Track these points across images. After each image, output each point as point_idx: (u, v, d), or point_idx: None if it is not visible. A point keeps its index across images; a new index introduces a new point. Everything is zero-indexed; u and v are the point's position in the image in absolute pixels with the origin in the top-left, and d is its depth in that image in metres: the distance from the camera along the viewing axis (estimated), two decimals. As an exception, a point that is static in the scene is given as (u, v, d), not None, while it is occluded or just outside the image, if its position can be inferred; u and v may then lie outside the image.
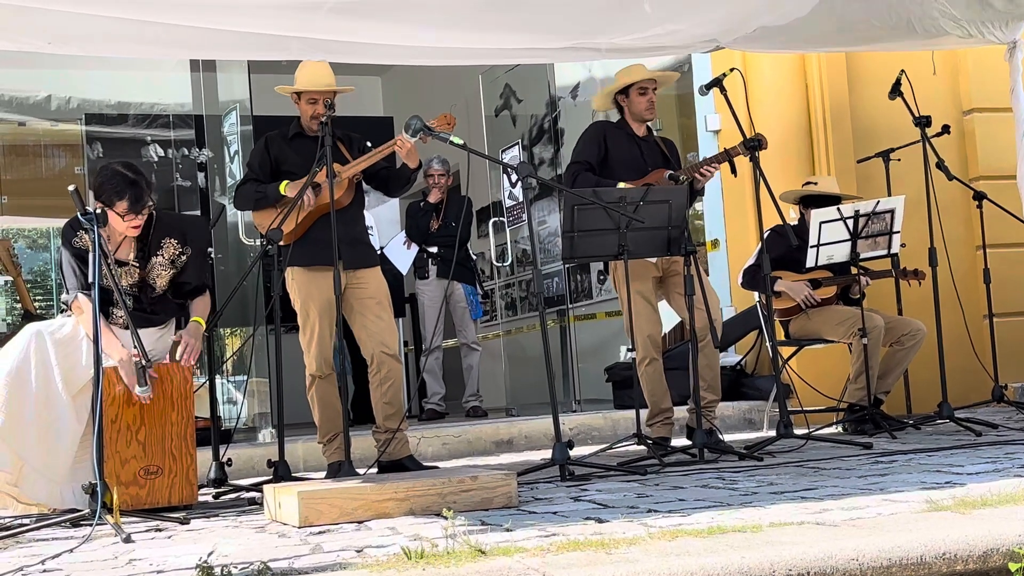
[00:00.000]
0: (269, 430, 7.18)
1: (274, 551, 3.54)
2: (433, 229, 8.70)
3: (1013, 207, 7.19)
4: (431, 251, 8.70)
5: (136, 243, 5.09)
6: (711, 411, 5.99)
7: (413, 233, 8.76)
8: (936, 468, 4.66)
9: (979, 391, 7.20)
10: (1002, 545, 3.03)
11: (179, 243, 5.15)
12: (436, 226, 8.71)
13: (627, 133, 6.18)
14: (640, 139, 6.18)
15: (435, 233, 8.70)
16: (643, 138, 6.20)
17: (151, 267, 5.10)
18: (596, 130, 6.21)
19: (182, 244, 5.15)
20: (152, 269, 5.10)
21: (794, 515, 3.55)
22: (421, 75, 10.94)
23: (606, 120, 6.47)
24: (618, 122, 6.25)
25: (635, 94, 6.11)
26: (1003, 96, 7.25)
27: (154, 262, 5.11)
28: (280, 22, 5.77)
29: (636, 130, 6.19)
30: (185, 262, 5.16)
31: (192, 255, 5.18)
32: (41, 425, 4.83)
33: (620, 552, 3.05)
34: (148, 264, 5.10)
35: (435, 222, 8.72)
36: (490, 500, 4.25)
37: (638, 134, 6.19)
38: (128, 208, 4.87)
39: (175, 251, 5.14)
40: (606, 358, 8.77)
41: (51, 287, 11.22)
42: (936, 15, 6.65)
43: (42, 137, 9.34)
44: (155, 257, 5.11)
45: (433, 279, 8.70)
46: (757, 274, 6.33)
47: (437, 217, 8.72)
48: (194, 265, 5.20)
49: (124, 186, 4.87)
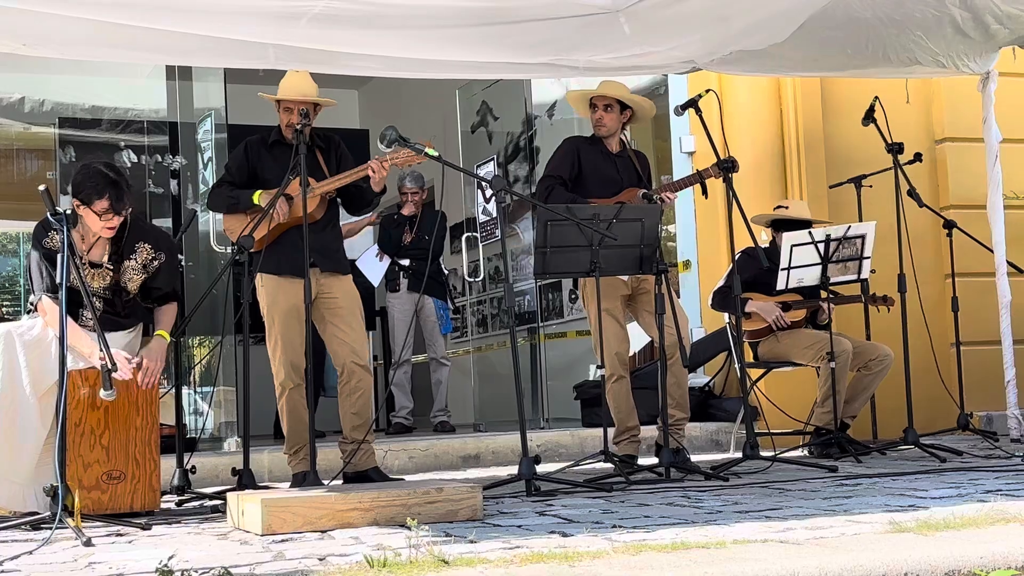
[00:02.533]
0: (235, 439, 7.14)
1: (236, 557, 3.51)
2: (406, 242, 8.69)
3: (983, 236, 7.27)
4: (402, 264, 8.68)
5: (110, 245, 5.06)
6: (680, 429, 6.00)
7: (385, 245, 8.74)
8: (900, 492, 4.68)
9: (945, 418, 7.25)
10: (963, 567, 3.04)
11: (153, 248, 5.12)
12: (409, 239, 8.70)
13: (600, 150, 6.20)
14: (614, 155, 6.20)
15: (407, 246, 8.69)
16: (617, 154, 6.22)
17: (124, 270, 5.07)
18: (570, 145, 6.23)
19: (155, 250, 5.12)
20: (124, 273, 5.07)
21: (758, 533, 3.56)
22: (398, 89, 10.95)
23: (580, 136, 6.49)
24: (591, 137, 6.27)
25: (590, 107, 6.18)
26: (975, 126, 7.34)
27: (127, 266, 5.07)
28: (259, 29, 5.76)
29: (609, 146, 6.20)
30: (158, 268, 5.13)
31: (165, 261, 5.15)
32: (5, 426, 4.77)
33: (584, 565, 3.04)
34: (121, 267, 5.07)
35: (408, 235, 8.71)
36: (455, 512, 4.23)
37: (612, 150, 6.21)
38: (108, 207, 4.84)
39: (148, 256, 5.10)
40: (575, 376, 8.78)
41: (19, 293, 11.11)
42: (911, 46, 6.72)
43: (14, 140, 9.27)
44: (128, 261, 5.08)
45: (404, 292, 8.68)
46: (728, 295, 6.35)
47: (410, 230, 8.71)
48: (166, 271, 5.16)
49: (105, 185, 4.83)
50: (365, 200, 5.82)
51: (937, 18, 6.47)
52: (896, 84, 7.62)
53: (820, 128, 8.00)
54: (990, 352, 7.27)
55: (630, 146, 6.46)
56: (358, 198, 5.82)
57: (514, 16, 5.84)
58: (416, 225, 8.72)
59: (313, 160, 5.63)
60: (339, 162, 5.83)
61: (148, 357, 4.99)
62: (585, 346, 8.64)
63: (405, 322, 8.58)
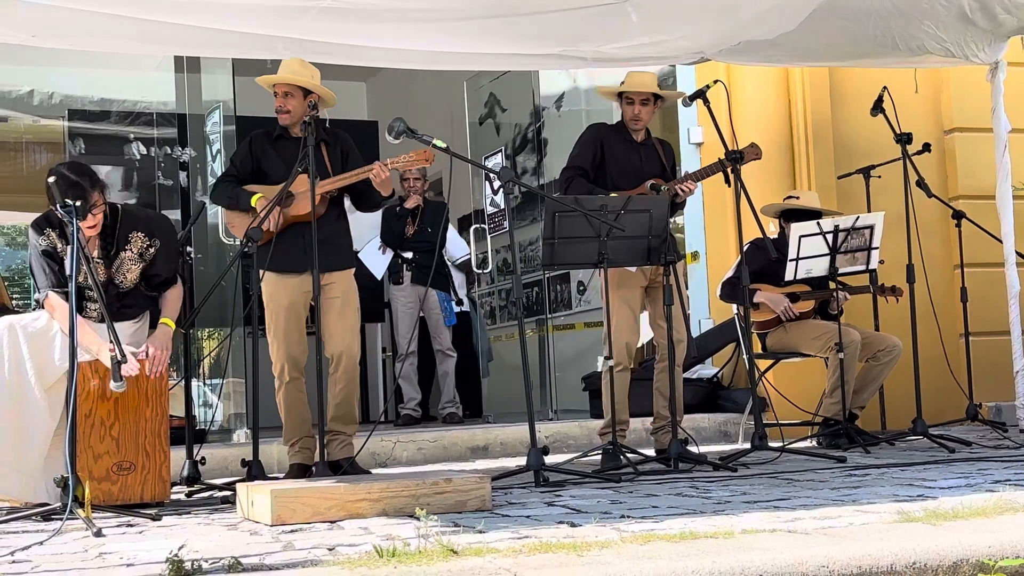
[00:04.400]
0: (244, 431, 7.16)
1: (245, 547, 3.52)
2: (408, 235, 8.65)
3: (992, 227, 7.25)
4: (406, 256, 8.64)
5: (101, 240, 5.03)
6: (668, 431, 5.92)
7: (388, 238, 8.69)
8: (909, 482, 4.68)
9: (954, 409, 7.23)
10: (972, 556, 3.04)
11: (146, 236, 5.08)
12: (412, 231, 8.66)
13: (625, 138, 6.10)
14: (638, 144, 6.11)
15: (410, 239, 8.64)
16: (642, 143, 6.12)
17: (120, 263, 5.05)
18: (593, 133, 6.12)
19: (149, 237, 5.09)
20: (122, 264, 5.05)
21: (766, 523, 3.56)
22: (406, 81, 10.93)
23: (603, 123, 6.36)
24: (616, 125, 6.19)
25: (624, 101, 6.09)
26: (984, 116, 7.32)
27: (123, 257, 5.05)
28: (268, 21, 5.78)
29: (634, 135, 6.12)
30: (154, 254, 5.09)
31: (160, 246, 5.10)
32: (13, 419, 4.79)
33: (592, 555, 3.05)
34: (115, 261, 5.05)
35: (411, 227, 8.65)
36: (464, 503, 4.24)
37: (636, 139, 6.12)
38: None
39: (143, 244, 5.08)
40: (584, 368, 8.78)
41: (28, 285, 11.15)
42: (920, 35, 6.72)
43: (24, 133, 9.29)
44: (124, 252, 5.05)
45: (407, 285, 8.64)
46: (736, 286, 6.34)
47: (413, 222, 8.66)
48: (163, 256, 5.12)
49: (66, 188, 4.65)
50: (372, 201, 5.80)
51: (945, 7, 6.46)
52: (905, 74, 7.60)
53: (829, 118, 7.98)
54: (999, 342, 7.26)
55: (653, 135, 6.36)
56: (365, 197, 5.80)
57: (522, 7, 5.85)
58: (419, 218, 8.68)
59: (317, 155, 5.60)
60: (345, 158, 5.79)
61: (154, 345, 4.98)
62: (594, 338, 8.64)
63: (408, 315, 8.57)
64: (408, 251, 8.63)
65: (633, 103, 6.04)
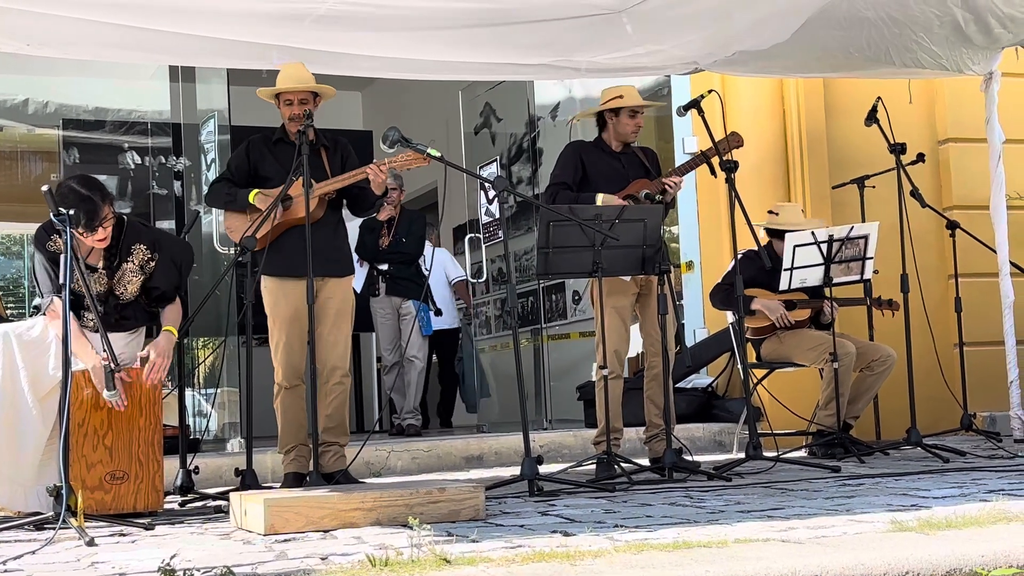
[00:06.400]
0: (238, 440, 7.14)
1: (238, 557, 3.52)
2: (383, 246, 8.59)
3: (986, 237, 7.26)
4: (381, 268, 8.59)
5: (105, 251, 5.04)
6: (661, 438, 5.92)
7: (361, 251, 8.59)
8: (902, 492, 4.68)
9: (948, 419, 7.24)
10: (965, 565, 3.04)
11: (148, 249, 5.09)
12: (386, 243, 8.60)
13: (604, 150, 6.16)
14: (619, 153, 6.16)
15: (385, 250, 8.58)
16: (621, 152, 6.18)
17: (121, 274, 5.06)
18: (572, 150, 6.19)
19: (151, 250, 5.10)
20: (123, 276, 5.06)
21: (760, 532, 3.56)
22: (401, 90, 10.95)
23: (581, 140, 6.45)
24: (595, 140, 6.25)
25: (625, 115, 6.10)
26: (978, 126, 7.34)
27: (125, 268, 5.06)
28: (263, 30, 5.78)
29: (614, 146, 6.18)
30: (154, 268, 5.10)
31: (160, 260, 5.11)
32: (6, 427, 4.77)
33: (585, 564, 3.05)
34: (117, 273, 5.05)
35: (385, 239, 8.59)
36: (457, 512, 4.24)
37: (615, 150, 6.18)
38: (83, 226, 4.75)
39: (144, 256, 5.08)
40: (579, 378, 8.77)
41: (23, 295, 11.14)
42: (914, 47, 6.73)
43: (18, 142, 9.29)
44: (125, 264, 5.06)
45: (383, 296, 8.60)
46: (728, 292, 6.31)
47: (388, 233, 8.60)
48: (163, 270, 5.12)
49: (77, 202, 4.68)
50: (368, 202, 5.81)
51: (939, 19, 6.47)
52: (899, 85, 7.62)
53: (823, 129, 8.00)
54: (993, 352, 7.27)
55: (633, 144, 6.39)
56: (360, 200, 5.81)
57: (516, 17, 5.86)
58: (393, 228, 8.61)
59: (316, 160, 5.62)
60: (344, 163, 5.80)
61: (156, 351, 4.96)
62: (588, 347, 8.63)
63: (389, 326, 8.55)
64: (383, 263, 8.56)
65: (636, 115, 6.12)
